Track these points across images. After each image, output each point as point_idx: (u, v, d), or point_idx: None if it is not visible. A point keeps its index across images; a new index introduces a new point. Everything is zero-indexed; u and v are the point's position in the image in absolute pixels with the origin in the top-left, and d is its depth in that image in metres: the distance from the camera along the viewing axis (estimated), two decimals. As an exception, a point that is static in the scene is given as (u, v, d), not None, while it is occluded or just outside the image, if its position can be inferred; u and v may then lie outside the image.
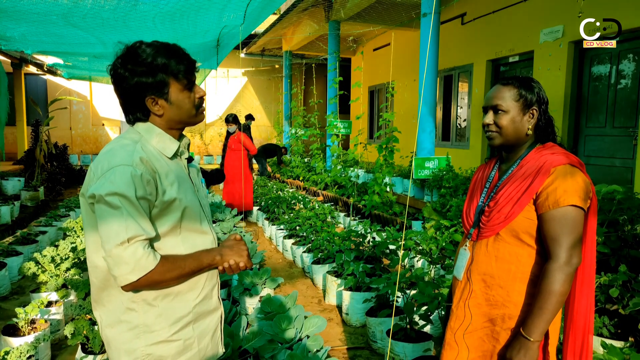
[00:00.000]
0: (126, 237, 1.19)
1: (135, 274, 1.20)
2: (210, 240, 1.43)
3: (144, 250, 1.21)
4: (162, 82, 1.31)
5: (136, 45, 1.32)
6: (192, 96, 1.38)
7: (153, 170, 1.28)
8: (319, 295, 4.35)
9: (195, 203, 1.40)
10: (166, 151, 1.37)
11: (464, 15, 8.74)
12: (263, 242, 6.39)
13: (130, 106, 1.35)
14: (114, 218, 1.20)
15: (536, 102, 1.53)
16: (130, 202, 1.21)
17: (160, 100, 1.33)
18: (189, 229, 1.36)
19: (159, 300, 1.32)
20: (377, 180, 6.66)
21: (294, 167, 10.86)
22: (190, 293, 1.36)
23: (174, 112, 1.36)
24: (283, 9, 10.49)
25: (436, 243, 4.08)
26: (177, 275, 1.29)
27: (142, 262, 1.20)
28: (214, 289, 1.45)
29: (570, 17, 6.27)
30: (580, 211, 1.41)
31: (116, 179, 1.21)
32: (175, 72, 1.31)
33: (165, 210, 1.30)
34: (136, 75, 1.29)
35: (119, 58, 1.32)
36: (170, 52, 1.31)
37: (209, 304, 1.43)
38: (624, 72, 6.09)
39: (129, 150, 1.27)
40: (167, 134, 1.38)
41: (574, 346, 1.51)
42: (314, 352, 2.62)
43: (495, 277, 1.51)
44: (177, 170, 1.37)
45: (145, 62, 1.29)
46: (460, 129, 9.50)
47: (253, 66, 16.51)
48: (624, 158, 6.08)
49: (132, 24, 4.78)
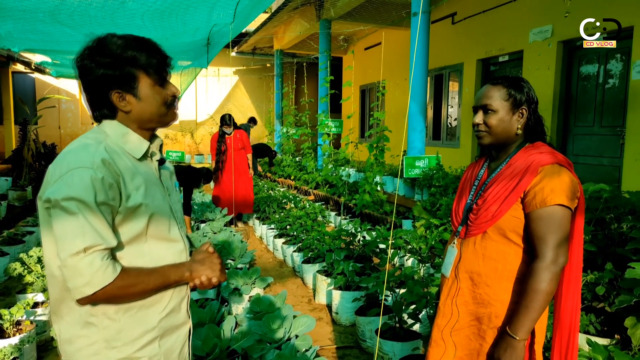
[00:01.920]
0: (82, 246, 1.10)
1: (90, 287, 1.11)
2: (180, 249, 1.32)
3: (102, 261, 1.11)
4: (130, 76, 1.23)
5: (106, 36, 1.23)
6: (163, 93, 1.28)
7: (117, 173, 1.18)
8: (309, 294, 4.34)
9: (165, 209, 1.29)
10: (134, 152, 1.27)
11: (454, 14, 8.77)
12: (253, 242, 6.36)
13: (95, 101, 1.26)
14: (70, 225, 1.10)
15: (525, 101, 1.53)
16: (88, 207, 1.11)
17: (128, 96, 1.24)
18: (156, 237, 1.26)
19: (121, 314, 1.21)
20: (367, 179, 6.67)
21: (285, 166, 10.84)
22: (155, 306, 1.26)
23: (143, 109, 1.26)
24: (274, 8, 10.45)
25: (426, 242, 4.10)
26: (139, 291, 1.20)
27: (99, 275, 1.11)
28: (182, 302, 1.34)
29: (559, 17, 6.32)
30: (567, 210, 1.42)
31: (74, 183, 1.11)
32: (145, 66, 1.23)
33: (130, 216, 1.20)
34: (102, 67, 1.20)
35: (86, 49, 1.23)
36: (141, 45, 1.24)
37: (176, 318, 1.32)
38: (611, 72, 6.15)
39: (90, 152, 1.17)
40: (135, 134, 1.28)
41: (560, 344, 1.52)
42: (303, 352, 2.62)
43: (482, 275, 1.52)
44: (145, 173, 1.27)
45: (112, 53, 1.21)
46: (451, 128, 9.54)
47: (244, 65, 16.44)
48: (611, 157, 6.14)
49: (121, 22, 4.73)
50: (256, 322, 2.84)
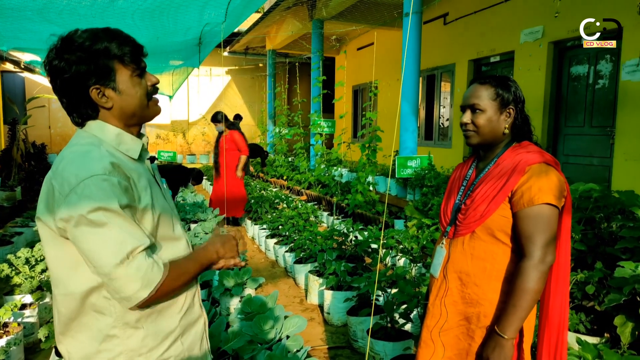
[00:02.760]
0: (125, 252, 1.06)
1: (147, 288, 1.09)
2: (184, 246, 1.31)
3: (146, 261, 1.09)
4: (106, 68, 1.16)
5: (71, 32, 1.17)
6: (143, 83, 1.23)
7: (127, 176, 1.14)
8: (301, 294, 4.33)
9: (166, 207, 1.27)
10: (131, 152, 1.22)
11: (446, 15, 8.80)
12: (246, 242, 6.33)
13: (74, 102, 1.19)
14: (104, 236, 1.06)
15: (513, 101, 1.54)
16: (117, 214, 1.07)
17: (107, 90, 1.18)
18: (163, 236, 1.23)
19: (143, 320, 1.18)
20: (360, 179, 6.67)
21: (278, 166, 10.82)
22: (174, 306, 1.25)
23: (125, 102, 1.20)
24: (266, 7, 10.42)
25: (417, 241, 4.10)
26: (185, 281, 1.20)
27: (150, 275, 1.09)
28: (195, 296, 1.34)
29: (549, 17, 6.36)
30: (555, 209, 1.42)
31: (93, 193, 1.06)
32: (120, 56, 1.17)
33: (142, 218, 1.17)
34: (74, 63, 1.13)
35: (52, 49, 1.16)
36: (110, 35, 1.17)
37: (193, 314, 1.32)
38: (601, 73, 6.20)
39: (94, 157, 1.11)
40: (127, 133, 1.23)
41: (549, 343, 1.52)
42: (294, 352, 2.60)
43: (470, 275, 1.52)
44: (145, 173, 1.24)
45: (82, 47, 1.14)
46: (443, 128, 9.57)
47: (236, 65, 16.39)
48: (601, 157, 6.19)
49: (111, 21, 4.69)
50: (247, 323, 2.82)
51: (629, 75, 5.54)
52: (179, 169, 6.00)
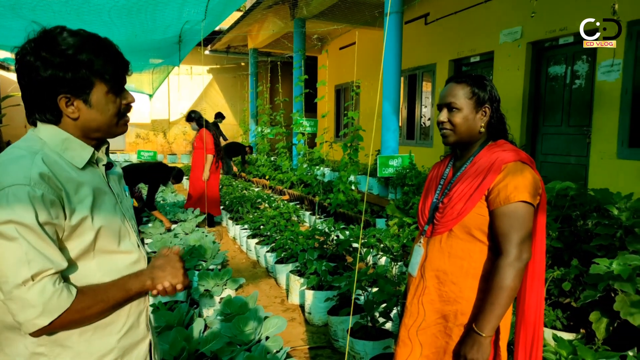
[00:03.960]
0: (29, 274, 0.97)
1: (45, 317, 0.99)
2: (133, 260, 1.20)
3: (54, 286, 0.99)
4: (84, 81, 1.08)
5: (56, 30, 1.07)
6: (118, 101, 1.15)
7: (58, 188, 1.04)
8: (282, 295, 4.31)
9: (115, 219, 1.17)
10: (76, 160, 1.12)
11: (427, 15, 8.86)
12: (227, 242, 6.28)
13: (36, 104, 1.10)
14: (11, 252, 0.97)
15: (488, 100, 1.54)
16: (30, 230, 0.98)
17: (77, 101, 1.10)
18: (106, 250, 1.13)
19: (74, 338, 1.09)
20: (342, 178, 6.67)
21: (260, 165, 10.76)
22: (112, 326, 1.14)
23: (93, 117, 1.12)
24: (248, 6, 10.36)
25: (398, 240, 4.11)
26: (99, 311, 1.09)
27: (54, 302, 0.99)
28: (141, 316, 1.23)
29: (528, 18, 6.44)
30: (530, 207, 1.43)
31: (10, 203, 0.97)
32: (102, 72, 1.10)
33: (75, 233, 1.07)
34: (51, 67, 1.05)
35: (31, 41, 1.07)
36: (98, 48, 1.10)
37: (136, 334, 1.20)
38: (578, 73, 6.31)
39: (24, 165, 1.02)
40: (76, 139, 1.13)
41: (525, 340, 1.53)
42: (274, 353, 2.58)
43: (448, 273, 1.52)
44: (92, 182, 1.13)
45: (65, 53, 1.06)
46: (425, 127, 9.64)
47: (218, 64, 16.26)
48: (578, 156, 6.30)
49: (86, 18, 4.60)
50: (226, 324, 2.79)
51: (605, 75, 5.65)
52: (159, 166, 5.91)
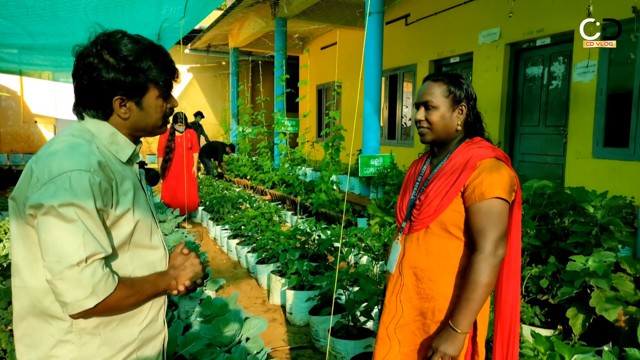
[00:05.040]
0: (84, 255, 1.01)
1: (93, 299, 1.03)
2: (161, 256, 1.27)
3: (103, 270, 1.05)
4: (141, 86, 1.17)
5: (117, 35, 1.16)
6: (165, 105, 1.24)
7: (111, 177, 1.12)
8: (264, 295, 4.28)
9: (148, 214, 1.25)
10: (120, 154, 1.21)
11: (408, 16, 8.92)
12: (207, 243, 6.22)
13: (92, 101, 1.17)
14: (69, 233, 1.01)
15: (465, 98, 1.55)
16: (88, 214, 1.04)
17: (130, 103, 1.18)
18: (139, 244, 1.20)
19: (101, 328, 1.13)
20: (324, 178, 6.66)
21: (241, 165, 10.68)
22: (135, 317, 1.20)
23: (142, 118, 1.21)
24: (228, 4, 10.27)
25: (379, 239, 4.12)
26: (134, 302, 1.15)
27: (102, 285, 1.04)
28: (160, 311, 1.29)
29: (506, 20, 6.54)
30: (505, 203, 1.44)
31: (72, 187, 1.03)
32: (156, 79, 1.18)
33: (117, 224, 1.13)
34: (114, 70, 1.13)
35: (93, 45, 1.14)
36: (156, 56, 1.18)
37: (154, 328, 1.26)
38: (554, 74, 6.43)
39: (83, 152, 1.09)
40: (122, 135, 1.22)
41: (502, 336, 1.55)
42: (254, 354, 2.56)
43: (425, 270, 1.52)
44: (131, 177, 1.22)
45: (127, 59, 1.14)
46: (406, 127, 9.70)
47: (198, 62, 16.09)
48: (555, 155, 6.42)
49: (62, 14, 4.48)
50: (206, 326, 2.75)
51: (580, 76, 5.77)
52: None
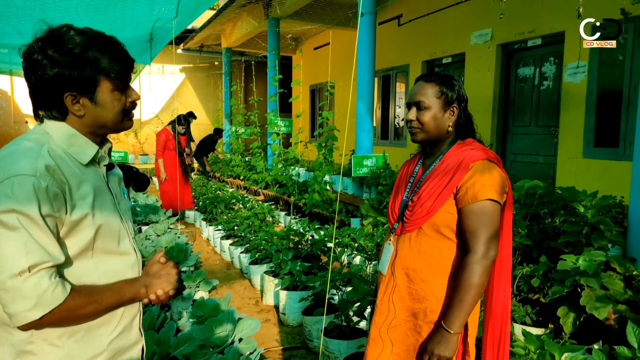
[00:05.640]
0: (27, 264, 0.97)
1: (38, 310, 0.98)
2: (131, 262, 1.21)
3: (50, 280, 0.99)
4: (90, 79, 1.11)
5: (63, 29, 1.10)
6: (123, 99, 1.18)
7: (62, 181, 1.06)
8: (257, 296, 4.27)
9: (114, 219, 1.18)
10: (80, 157, 1.14)
11: (400, 17, 8.94)
12: (200, 244, 6.20)
13: (43, 101, 1.13)
14: (11, 241, 0.98)
15: (456, 99, 1.56)
16: (32, 221, 0.99)
17: (83, 99, 1.12)
18: (105, 250, 1.15)
19: (65, 338, 1.08)
20: (317, 178, 6.66)
21: (234, 166, 10.65)
22: (104, 327, 1.14)
23: (99, 114, 1.15)
24: (221, 4, 10.24)
25: (372, 239, 4.13)
26: (90, 312, 1.09)
27: (48, 296, 0.99)
28: (134, 319, 1.23)
29: (498, 21, 6.58)
30: (497, 205, 1.45)
31: (14, 193, 0.99)
32: (107, 71, 1.12)
33: (75, 229, 1.08)
34: (58, 65, 1.07)
35: (38, 41, 1.09)
36: (105, 46, 1.11)
37: (128, 338, 1.20)
38: (546, 74, 6.48)
39: (31, 156, 1.05)
40: (82, 136, 1.16)
41: (492, 336, 1.56)
42: (247, 355, 2.55)
43: (417, 271, 1.53)
44: (93, 180, 1.15)
45: (71, 51, 1.08)
46: (398, 128, 9.73)
47: (191, 62, 16.03)
48: (546, 155, 6.47)
49: (52, 14, 4.45)
50: (198, 327, 2.74)
51: (571, 77, 5.82)
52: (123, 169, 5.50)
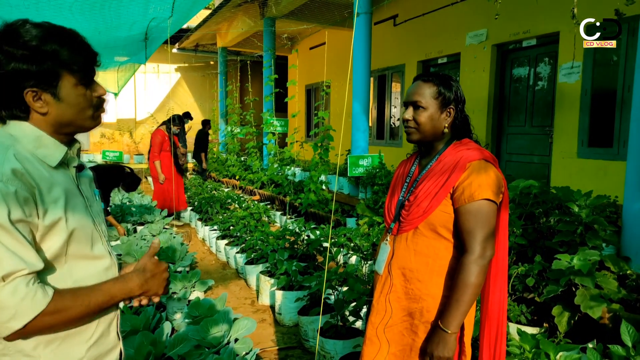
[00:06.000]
0: (0, 274, 0.93)
1: (19, 319, 0.94)
2: (105, 266, 1.16)
3: (27, 287, 0.95)
4: (50, 73, 1.05)
5: (18, 23, 1.04)
6: (88, 94, 1.12)
7: (32, 185, 1.00)
8: (253, 296, 4.27)
9: (87, 222, 1.13)
10: (49, 159, 1.08)
11: (396, 17, 8.96)
12: (196, 244, 6.18)
13: (3, 99, 1.07)
14: None
15: (454, 100, 1.56)
16: (2, 228, 0.94)
17: (45, 95, 1.06)
18: (78, 255, 1.10)
19: (41, 348, 1.03)
20: (313, 178, 6.67)
21: (230, 165, 10.64)
22: (82, 334, 1.10)
23: (63, 111, 1.09)
24: (216, 4, 10.22)
25: (368, 239, 4.14)
26: (79, 315, 1.04)
27: (27, 304, 0.94)
28: (112, 324, 1.19)
29: (493, 21, 6.60)
30: (494, 205, 1.46)
31: None
32: (69, 63, 1.06)
33: (47, 234, 1.03)
34: (14, 59, 1.02)
35: None
36: (64, 38, 1.06)
37: (106, 343, 1.16)
38: (540, 75, 6.51)
39: None
40: (49, 137, 1.10)
41: (489, 335, 1.56)
42: (243, 355, 2.55)
43: (414, 270, 1.53)
44: (64, 183, 1.10)
45: (28, 45, 1.02)
46: (394, 127, 9.74)
47: (186, 62, 15.98)
48: (541, 155, 6.50)
49: (47, 13, 4.43)
50: (194, 327, 2.74)
51: (565, 77, 5.85)
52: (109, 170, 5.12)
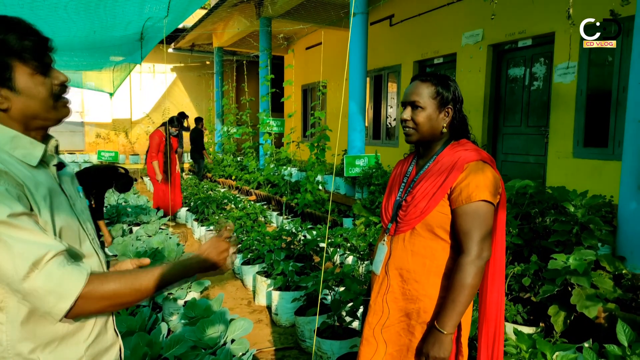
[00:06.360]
0: (27, 265, 0.92)
1: (65, 299, 0.94)
2: (95, 265, 1.14)
3: (61, 268, 0.94)
4: (1, 65, 1.00)
5: None
6: (48, 82, 1.07)
7: (19, 184, 0.98)
8: (249, 296, 4.26)
9: (73, 221, 1.11)
10: (28, 159, 1.05)
11: (392, 17, 8.96)
12: (192, 244, 6.17)
13: None
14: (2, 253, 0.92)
15: (452, 100, 1.55)
16: (9, 225, 0.92)
17: (2, 90, 1.02)
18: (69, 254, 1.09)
19: (39, 351, 1.02)
20: (309, 178, 6.66)
21: (226, 166, 10.62)
22: (79, 334, 1.09)
23: (25, 104, 1.04)
24: (212, 3, 10.20)
25: (365, 239, 4.14)
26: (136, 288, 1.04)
27: (66, 284, 0.94)
28: (108, 321, 1.19)
29: (489, 21, 6.62)
30: (491, 206, 1.46)
31: None
32: (18, 51, 1.01)
33: None
34: None
35: None
36: (7, 26, 1.01)
37: (104, 341, 1.16)
38: (536, 75, 6.53)
39: None
40: (24, 136, 1.06)
41: (487, 336, 1.56)
42: (239, 356, 2.55)
43: (411, 271, 1.53)
44: (46, 182, 1.07)
45: None
46: (390, 127, 9.75)
47: (182, 62, 15.94)
48: (537, 155, 6.52)
49: (41, 13, 4.40)
50: (190, 328, 2.73)
51: (561, 77, 5.87)
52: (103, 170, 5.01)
